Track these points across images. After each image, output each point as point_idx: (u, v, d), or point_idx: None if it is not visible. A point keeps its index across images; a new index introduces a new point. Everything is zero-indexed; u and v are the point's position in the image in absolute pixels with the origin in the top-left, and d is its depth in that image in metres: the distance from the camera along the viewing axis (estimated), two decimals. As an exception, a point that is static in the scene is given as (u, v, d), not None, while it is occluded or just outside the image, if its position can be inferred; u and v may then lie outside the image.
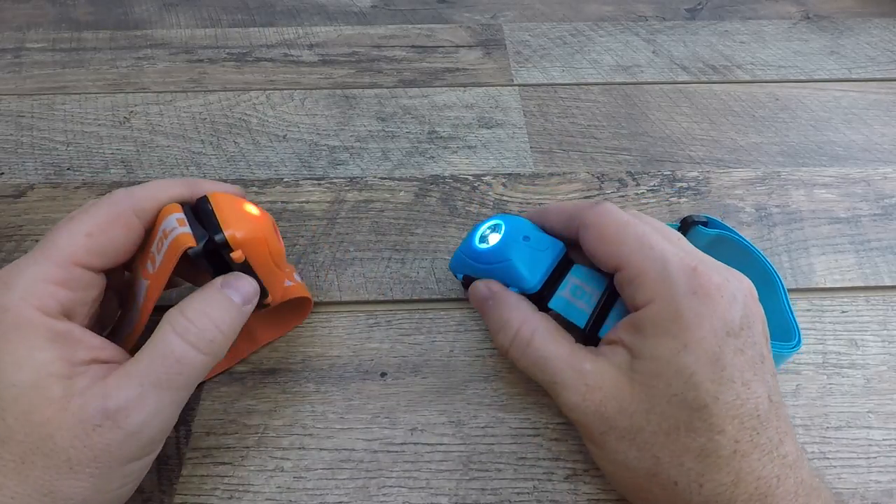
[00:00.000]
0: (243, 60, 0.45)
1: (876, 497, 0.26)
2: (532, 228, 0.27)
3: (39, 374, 0.19)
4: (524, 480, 0.26)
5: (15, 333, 0.20)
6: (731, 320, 0.21)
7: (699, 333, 0.21)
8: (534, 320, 0.25)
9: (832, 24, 0.49)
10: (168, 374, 0.21)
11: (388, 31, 0.48)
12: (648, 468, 0.21)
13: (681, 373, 0.21)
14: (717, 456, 0.20)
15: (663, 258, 0.22)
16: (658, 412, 0.21)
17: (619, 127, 0.41)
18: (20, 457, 0.19)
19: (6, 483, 0.19)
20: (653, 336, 0.21)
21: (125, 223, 0.23)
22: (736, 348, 0.21)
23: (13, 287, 0.20)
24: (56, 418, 0.19)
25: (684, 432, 0.21)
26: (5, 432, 0.19)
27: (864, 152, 0.39)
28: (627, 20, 0.49)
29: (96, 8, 0.49)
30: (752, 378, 0.21)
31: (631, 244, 0.23)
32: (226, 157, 0.38)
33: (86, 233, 0.22)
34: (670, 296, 0.21)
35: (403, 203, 0.36)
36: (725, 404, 0.20)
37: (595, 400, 0.22)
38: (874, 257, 0.33)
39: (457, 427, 0.27)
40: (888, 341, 0.30)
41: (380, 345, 0.30)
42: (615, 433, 0.22)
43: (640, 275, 0.22)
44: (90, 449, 0.19)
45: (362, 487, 0.26)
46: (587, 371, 0.23)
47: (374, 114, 0.41)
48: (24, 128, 0.40)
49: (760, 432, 0.20)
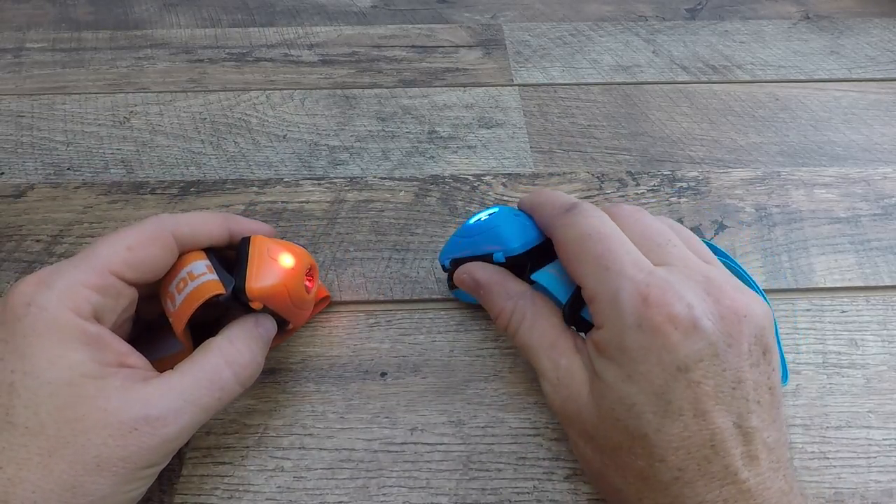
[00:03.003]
0: (243, 60, 0.45)
1: (876, 497, 0.26)
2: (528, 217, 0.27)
3: (74, 372, 0.20)
4: (524, 480, 0.26)
5: (50, 332, 0.20)
6: (686, 355, 0.19)
7: (643, 367, 0.20)
8: (522, 306, 0.25)
9: (832, 24, 0.49)
10: (209, 397, 0.22)
11: (388, 31, 0.48)
12: (599, 469, 0.22)
13: (622, 401, 0.20)
14: (657, 480, 0.20)
15: (616, 285, 0.21)
16: (605, 427, 0.21)
17: (619, 127, 0.41)
18: (48, 451, 0.19)
19: (28, 477, 0.19)
20: (603, 358, 0.21)
21: (164, 243, 0.24)
22: (690, 381, 0.19)
23: (52, 288, 0.21)
24: (92, 416, 0.20)
25: (626, 453, 0.21)
26: (37, 426, 0.20)
27: (864, 152, 0.39)
28: (627, 20, 0.49)
29: (96, 8, 0.49)
30: (713, 408, 0.19)
31: (588, 264, 0.22)
32: (226, 157, 0.38)
33: (127, 246, 0.23)
34: (617, 326, 0.21)
35: (403, 203, 0.36)
36: (668, 436, 0.20)
37: (562, 395, 0.23)
38: (874, 257, 0.33)
39: (457, 427, 0.27)
40: (888, 341, 0.30)
41: (380, 344, 0.30)
42: (575, 430, 0.23)
43: (593, 298, 0.22)
44: (123, 449, 0.20)
45: (362, 487, 0.26)
46: (561, 366, 0.23)
47: (374, 114, 0.41)
48: (24, 128, 0.40)
49: (713, 461, 0.19)
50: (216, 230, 0.25)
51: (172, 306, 0.24)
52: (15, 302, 0.21)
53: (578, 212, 0.24)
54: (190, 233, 0.24)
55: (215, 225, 0.25)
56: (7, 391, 0.20)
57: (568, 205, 0.25)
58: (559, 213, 0.24)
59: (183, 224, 0.24)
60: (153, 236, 0.23)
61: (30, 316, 0.20)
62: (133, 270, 0.23)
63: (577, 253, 0.23)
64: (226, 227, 0.26)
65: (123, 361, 0.22)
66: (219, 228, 0.26)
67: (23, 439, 0.19)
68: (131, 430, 0.20)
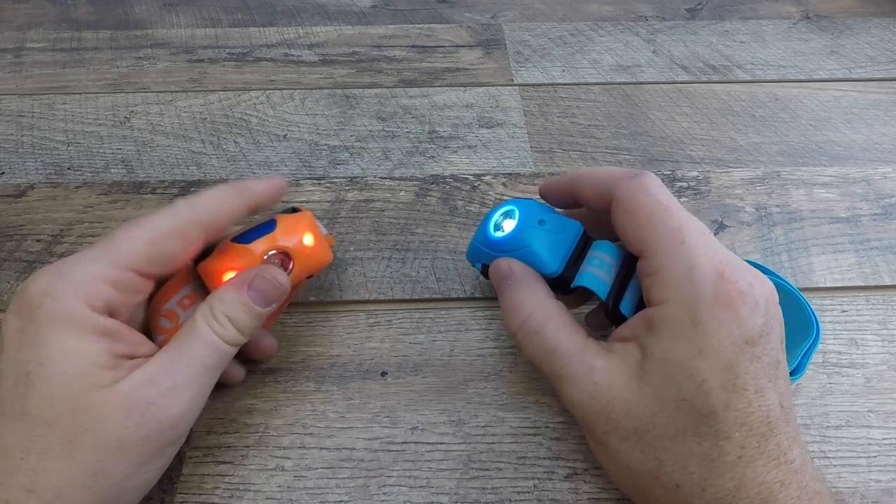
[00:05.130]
0: (243, 60, 0.45)
1: (876, 496, 0.26)
2: (546, 210, 0.26)
3: (87, 363, 0.20)
4: (524, 479, 0.26)
5: (65, 324, 0.20)
6: (752, 328, 0.20)
7: (716, 340, 0.20)
8: (548, 307, 0.24)
9: (832, 23, 0.49)
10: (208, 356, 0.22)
11: (388, 31, 0.48)
12: (651, 470, 0.21)
13: (692, 378, 0.20)
14: (721, 461, 0.20)
15: (691, 258, 0.21)
16: (665, 415, 0.21)
17: (619, 127, 0.41)
18: (68, 438, 0.20)
19: (51, 465, 0.19)
20: (667, 338, 0.21)
21: (183, 236, 0.23)
22: (753, 356, 0.20)
23: (68, 279, 0.21)
24: (107, 402, 0.20)
25: (691, 436, 0.20)
26: (52, 417, 0.20)
27: (864, 152, 0.39)
28: (627, 20, 0.49)
29: (96, 8, 0.49)
30: (767, 385, 0.20)
31: (662, 234, 0.22)
32: (226, 157, 0.38)
33: (147, 240, 0.23)
34: (692, 300, 0.20)
35: (404, 203, 0.36)
36: (735, 412, 0.20)
37: (602, 399, 0.22)
38: (874, 257, 0.33)
39: (457, 426, 0.27)
40: (888, 341, 0.30)
41: (380, 344, 0.30)
42: (619, 434, 0.21)
43: (663, 270, 0.21)
44: (142, 428, 0.21)
45: (363, 486, 0.26)
46: (597, 368, 0.22)
47: (374, 113, 0.41)
48: (25, 127, 0.40)
49: (769, 438, 0.20)
50: (235, 207, 0.25)
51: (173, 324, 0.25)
52: (32, 292, 0.21)
53: (649, 179, 0.23)
54: (210, 218, 0.24)
55: (233, 203, 0.25)
56: (24, 382, 0.20)
57: (633, 171, 0.24)
58: (626, 176, 0.23)
59: (202, 211, 0.24)
60: (174, 229, 0.23)
61: (44, 307, 0.20)
62: (152, 265, 0.23)
63: (650, 219, 0.22)
64: (244, 200, 0.25)
65: (135, 352, 0.22)
66: (237, 204, 0.25)
67: (40, 429, 0.20)
68: (147, 406, 0.21)
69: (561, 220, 0.26)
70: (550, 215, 0.26)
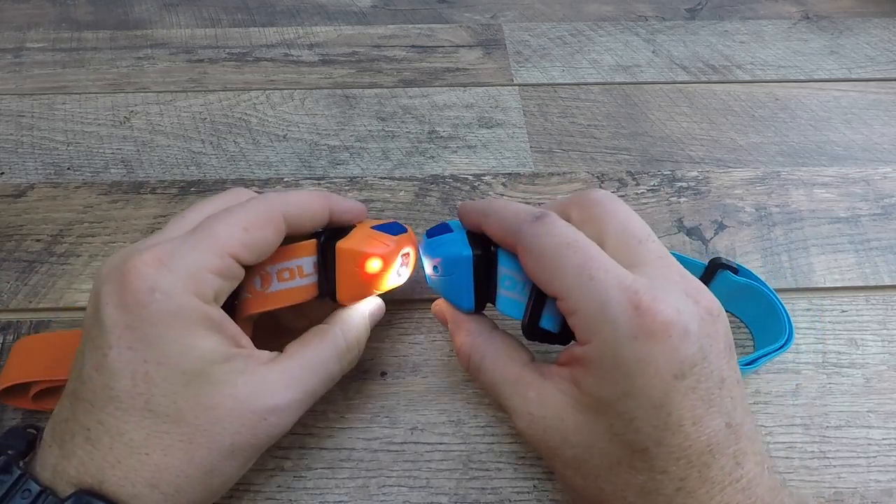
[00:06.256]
0: (243, 60, 0.45)
1: (876, 496, 0.26)
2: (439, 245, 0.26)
3: (204, 361, 0.21)
4: (524, 479, 0.26)
5: (178, 320, 0.20)
6: (682, 360, 0.19)
7: (641, 381, 0.19)
8: (483, 343, 0.24)
9: (832, 24, 0.49)
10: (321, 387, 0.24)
11: (388, 31, 0.48)
12: (594, 496, 0.21)
13: (622, 416, 0.19)
14: (659, 493, 0.19)
15: (603, 294, 0.20)
16: (599, 447, 0.20)
17: (618, 127, 0.41)
18: (189, 438, 0.20)
19: (173, 463, 0.20)
20: (594, 376, 0.20)
21: (276, 225, 0.23)
22: (686, 388, 0.19)
23: (175, 271, 0.21)
24: (224, 404, 0.21)
25: (626, 468, 0.20)
26: (176, 414, 0.20)
27: (863, 152, 0.39)
28: (627, 20, 0.49)
29: (96, 8, 0.49)
30: (705, 413, 0.19)
31: (569, 274, 0.20)
32: (226, 157, 0.38)
33: (243, 227, 0.22)
34: (610, 340, 0.19)
35: (403, 203, 0.36)
36: (670, 448, 0.19)
37: (539, 429, 0.21)
38: (874, 257, 0.33)
39: (457, 426, 0.27)
40: (888, 341, 0.30)
41: (380, 344, 0.30)
42: (560, 461, 0.21)
43: (576, 311, 0.20)
44: (254, 437, 0.21)
45: (362, 486, 0.26)
46: (531, 399, 0.22)
47: (374, 113, 0.41)
48: (25, 127, 0.40)
49: (712, 465, 0.19)
50: (318, 212, 0.25)
51: (262, 287, 0.24)
52: (138, 286, 0.20)
53: (551, 221, 0.22)
54: (297, 214, 0.24)
55: (318, 207, 0.25)
56: (144, 380, 0.20)
57: (536, 213, 0.23)
58: (527, 221, 0.22)
59: (292, 205, 0.24)
60: (267, 218, 0.23)
61: (155, 303, 0.20)
62: (249, 252, 0.23)
63: (555, 264, 0.21)
64: (327, 209, 0.25)
65: (238, 343, 0.22)
66: (321, 210, 0.25)
67: (165, 426, 0.20)
68: (261, 419, 0.21)
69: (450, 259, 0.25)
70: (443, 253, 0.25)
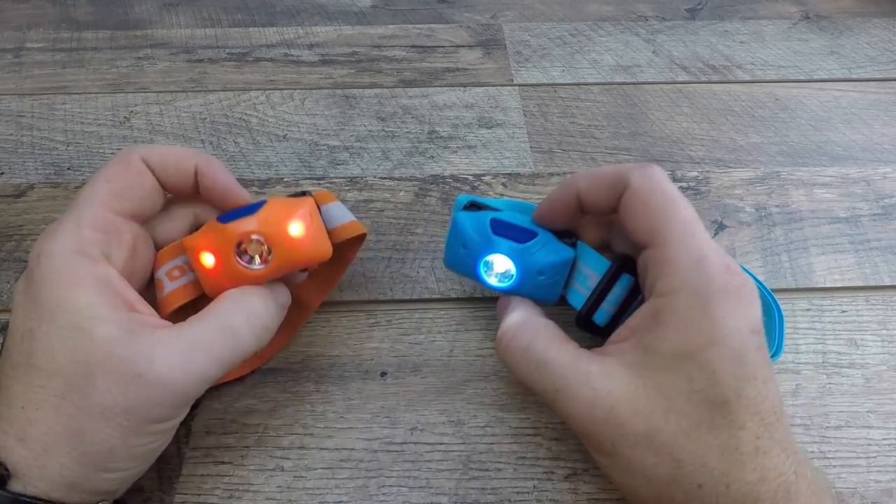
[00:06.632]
0: (243, 60, 0.45)
1: (876, 496, 0.26)
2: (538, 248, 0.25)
3: (84, 315, 0.20)
4: (524, 480, 0.26)
5: (59, 278, 0.21)
6: (755, 318, 0.21)
7: (727, 330, 0.20)
8: (537, 323, 0.24)
9: (832, 24, 0.49)
10: (221, 345, 0.22)
11: (388, 31, 0.48)
12: (669, 473, 0.20)
13: (702, 368, 0.20)
14: (741, 453, 0.20)
15: (702, 250, 0.21)
16: (677, 410, 0.20)
17: (619, 127, 0.41)
18: (62, 393, 0.20)
19: (43, 418, 0.20)
20: (674, 329, 0.20)
21: (136, 168, 0.24)
22: (757, 345, 0.20)
23: (55, 236, 0.22)
24: (101, 361, 0.20)
25: (706, 430, 0.20)
26: (54, 368, 0.20)
27: (863, 152, 0.39)
28: (627, 20, 0.49)
29: (96, 8, 0.49)
30: (769, 376, 0.21)
31: (674, 226, 0.21)
32: (226, 157, 0.38)
33: (105, 179, 0.23)
34: (703, 290, 0.20)
35: (403, 203, 0.36)
36: (747, 400, 0.20)
37: (605, 405, 0.21)
38: (874, 257, 0.33)
39: (457, 426, 0.27)
40: (888, 341, 0.30)
41: (380, 344, 0.30)
42: (629, 440, 0.21)
43: (672, 262, 0.21)
44: (124, 398, 0.20)
45: (362, 487, 0.26)
46: (594, 373, 0.21)
47: (374, 114, 0.41)
48: (25, 128, 0.40)
49: (778, 428, 0.20)
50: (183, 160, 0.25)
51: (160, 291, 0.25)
52: (31, 257, 0.22)
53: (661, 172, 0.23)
54: (158, 160, 0.24)
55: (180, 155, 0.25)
56: (28, 337, 0.21)
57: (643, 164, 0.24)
58: (639, 167, 0.23)
59: (152, 151, 0.24)
60: (125, 164, 0.24)
61: (41, 266, 0.21)
62: (119, 199, 0.23)
63: (663, 210, 0.22)
64: (192, 161, 0.25)
65: (133, 307, 0.22)
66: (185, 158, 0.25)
67: (41, 381, 0.20)
68: (134, 376, 0.20)
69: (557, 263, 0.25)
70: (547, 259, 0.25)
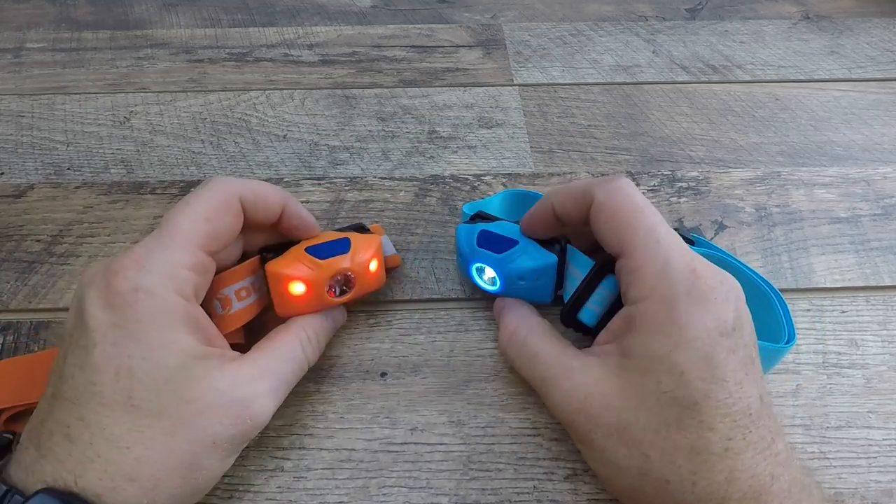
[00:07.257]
0: (243, 60, 0.45)
1: (876, 497, 0.26)
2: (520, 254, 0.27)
3: (186, 356, 0.21)
4: (524, 480, 0.26)
5: (161, 317, 0.21)
6: (725, 321, 0.21)
7: (692, 333, 0.21)
8: (532, 321, 0.27)
9: (832, 24, 0.49)
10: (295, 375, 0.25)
11: (388, 31, 0.48)
12: (639, 466, 0.21)
13: (671, 371, 0.21)
14: (709, 453, 0.20)
15: (666, 255, 0.22)
16: (647, 409, 0.21)
17: (619, 127, 0.41)
18: (170, 431, 0.21)
19: (154, 457, 0.20)
20: (644, 333, 0.21)
21: (235, 211, 0.24)
22: (728, 348, 0.21)
23: (152, 270, 0.21)
24: (206, 397, 0.21)
25: (675, 429, 0.20)
26: (158, 408, 0.21)
27: (864, 152, 0.39)
28: (627, 20, 0.49)
29: (96, 8, 0.49)
30: (744, 378, 0.21)
31: (640, 234, 0.22)
32: (226, 157, 0.38)
33: (205, 217, 0.23)
34: (668, 295, 0.21)
35: (403, 203, 0.36)
36: (716, 402, 0.20)
37: (579, 396, 0.22)
38: (874, 257, 0.33)
39: (457, 427, 0.27)
40: (888, 341, 0.30)
41: (380, 345, 0.30)
42: (601, 430, 0.22)
43: (639, 269, 0.22)
44: (234, 428, 0.22)
45: (362, 487, 0.26)
46: (574, 367, 0.23)
47: (374, 114, 0.41)
48: (24, 128, 0.40)
49: (752, 431, 0.20)
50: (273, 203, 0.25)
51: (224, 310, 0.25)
52: (121, 287, 0.21)
53: (627, 182, 0.24)
54: (253, 201, 0.24)
55: (274, 198, 0.25)
56: (127, 375, 0.20)
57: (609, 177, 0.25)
58: (604, 181, 0.24)
59: (248, 190, 0.24)
60: (227, 204, 0.24)
61: (139, 302, 0.21)
62: (215, 242, 0.23)
63: (629, 220, 0.23)
64: (281, 203, 0.26)
65: (214, 341, 0.23)
66: (276, 202, 0.25)
67: (147, 420, 0.20)
68: (243, 409, 0.22)
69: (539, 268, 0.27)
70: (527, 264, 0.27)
